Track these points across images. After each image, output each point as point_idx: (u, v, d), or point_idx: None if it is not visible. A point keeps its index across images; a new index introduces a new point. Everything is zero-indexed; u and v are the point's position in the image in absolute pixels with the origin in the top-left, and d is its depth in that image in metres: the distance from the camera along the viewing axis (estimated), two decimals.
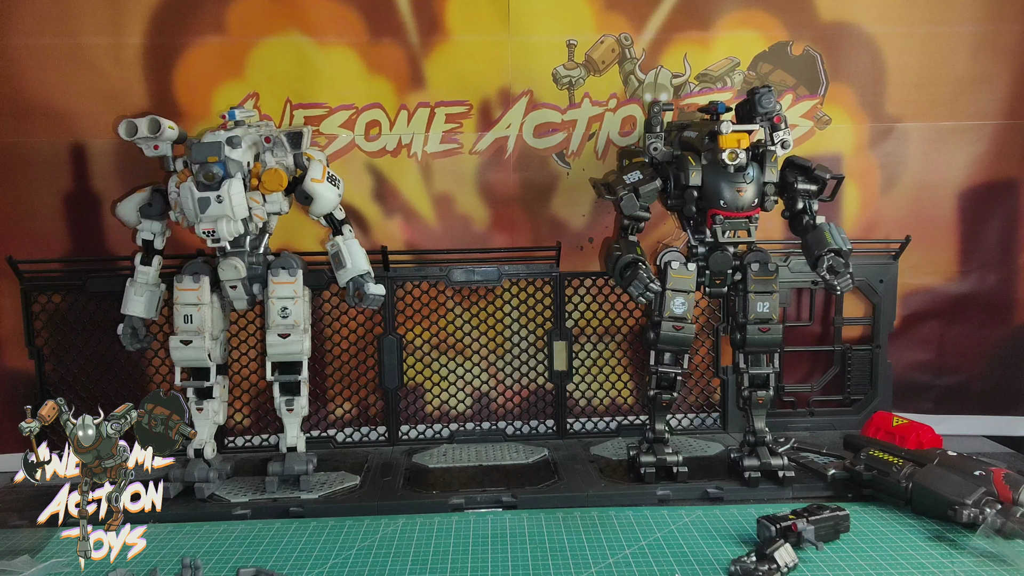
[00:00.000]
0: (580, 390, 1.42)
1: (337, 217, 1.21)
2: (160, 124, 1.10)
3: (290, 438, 1.18)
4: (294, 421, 1.19)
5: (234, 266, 1.14)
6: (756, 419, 1.17)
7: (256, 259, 1.18)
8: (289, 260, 1.18)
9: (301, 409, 1.18)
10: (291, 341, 1.15)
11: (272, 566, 0.93)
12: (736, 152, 1.09)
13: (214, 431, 1.20)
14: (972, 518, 0.95)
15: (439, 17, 1.33)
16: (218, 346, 1.18)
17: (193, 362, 1.17)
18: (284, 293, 1.16)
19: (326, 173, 1.17)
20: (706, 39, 1.36)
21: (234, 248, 1.14)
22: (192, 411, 1.18)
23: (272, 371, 1.18)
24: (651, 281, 1.11)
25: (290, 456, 1.17)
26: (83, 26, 1.28)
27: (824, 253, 1.11)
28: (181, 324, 1.16)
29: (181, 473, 1.15)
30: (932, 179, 1.41)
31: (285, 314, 1.16)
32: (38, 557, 0.97)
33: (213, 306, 1.17)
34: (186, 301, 1.15)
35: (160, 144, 1.13)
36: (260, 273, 1.18)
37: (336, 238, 1.21)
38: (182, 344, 1.15)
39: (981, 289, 1.44)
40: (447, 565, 0.93)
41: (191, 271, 1.17)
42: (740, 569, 0.87)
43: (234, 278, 1.15)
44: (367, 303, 1.20)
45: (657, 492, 1.13)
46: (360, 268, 1.20)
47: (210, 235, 1.10)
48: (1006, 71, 1.39)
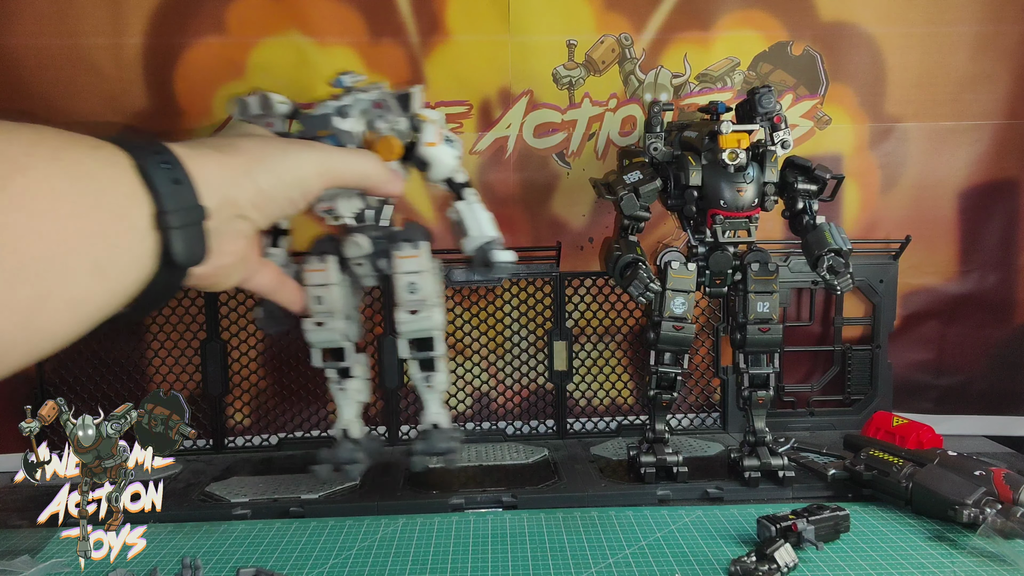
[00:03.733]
0: (580, 390, 1.42)
1: (457, 180, 1.11)
2: (270, 100, 1.06)
3: (432, 414, 1.13)
4: (434, 397, 1.14)
5: (357, 243, 1.08)
6: (756, 419, 1.17)
7: (381, 233, 1.10)
8: (413, 232, 1.10)
9: (440, 384, 1.13)
10: (421, 317, 1.09)
11: (272, 566, 0.93)
12: (736, 152, 1.09)
13: (359, 410, 1.17)
14: (972, 518, 0.95)
15: (439, 17, 1.33)
16: (352, 324, 1.14)
17: (328, 343, 1.13)
18: (410, 267, 1.08)
19: (441, 135, 1.08)
20: (706, 39, 1.36)
21: (357, 224, 1.08)
22: (334, 391, 1.16)
23: (406, 348, 1.13)
24: (651, 281, 1.11)
25: (434, 433, 1.12)
26: (83, 26, 1.28)
27: (824, 253, 1.11)
28: (313, 306, 1.10)
29: (329, 455, 1.13)
30: (932, 179, 1.42)
31: (412, 289, 1.08)
32: (38, 557, 0.97)
33: (343, 285, 1.12)
34: (315, 282, 1.10)
35: (273, 120, 1.07)
36: (386, 247, 1.10)
37: (457, 203, 1.11)
38: (316, 326, 1.11)
39: (981, 289, 1.44)
40: (447, 565, 0.93)
41: (317, 251, 1.11)
42: (740, 569, 0.87)
43: (359, 255, 1.09)
44: (496, 272, 1.09)
45: (657, 492, 1.13)
46: (487, 234, 1.09)
47: (329, 213, 1.05)
48: (1006, 71, 1.39)
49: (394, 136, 1.05)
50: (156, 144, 0.73)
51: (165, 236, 0.70)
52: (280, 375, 1.39)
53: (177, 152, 0.73)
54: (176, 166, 0.72)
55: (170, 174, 0.71)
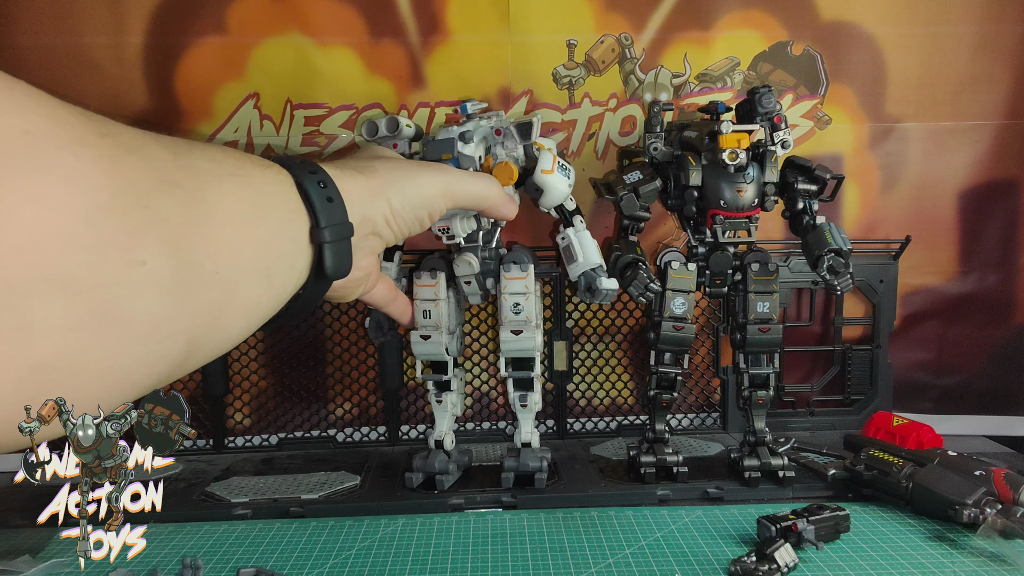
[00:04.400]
0: (580, 390, 1.42)
1: (568, 208, 1.16)
2: (398, 123, 1.12)
3: (524, 433, 1.18)
4: (528, 416, 1.18)
5: (468, 262, 1.13)
6: (756, 419, 1.17)
7: (489, 253, 1.16)
8: (521, 255, 1.16)
9: (535, 405, 1.18)
10: (524, 337, 1.14)
11: (272, 566, 0.93)
12: (736, 152, 1.09)
13: (452, 423, 1.21)
14: (972, 518, 0.95)
15: (439, 17, 1.33)
16: (455, 340, 1.19)
17: (432, 356, 1.17)
18: (516, 289, 1.14)
19: (556, 163, 1.12)
20: (706, 39, 1.36)
21: (468, 244, 1.13)
22: (432, 403, 1.20)
23: (506, 366, 1.17)
24: (651, 281, 1.11)
25: (524, 452, 1.16)
26: (84, 26, 1.28)
27: (824, 253, 1.11)
28: (420, 319, 1.16)
29: (423, 463, 1.16)
30: (932, 179, 1.42)
31: (517, 310, 1.14)
32: (39, 557, 0.97)
33: (449, 301, 1.17)
34: (424, 297, 1.16)
35: (399, 142, 1.15)
36: (493, 268, 1.16)
37: (567, 230, 1.16)
38: (421, 339, 1.16)
39: (981, 289, 1.44)
40: (447, 565, 0.93)
41: (428, 267, 1.17)
42: (740, 569, 0.87)
43: (468, 274, 1.14)
44: (599, 298, 1.13)
45: (657, 492, 1.13)
46: (592, 261, 1.14)
47: (445, 232, 1.10)
48: (1006, 71, 1.39)
49: (511, 162, 1.11)
50: (311, 164, 0.80)
51: (319, 249, 0.77)
52: (281, 375, 1.39)
53: (329, 172, 0.80)
54: (330, 185, 0.78)
55: (324, 192, 0.77)
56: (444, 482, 1.15)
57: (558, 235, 1.17)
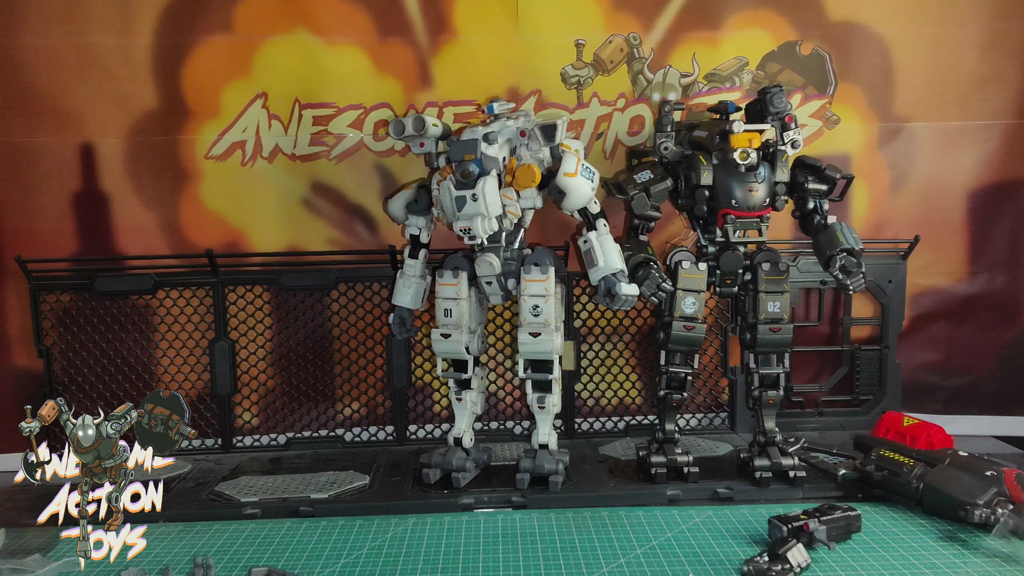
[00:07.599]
0: (588, 390, 1.42)
1: (591, 211, 1.15)
2: (424, 122, 1.12)
3: (542, 435, 1.17)
4: (546, 418, 1.18)
5: (490, 263, 1.13)
6: (766, 419, 1.17)
7: (511, 254, 1.16)
8: (542, 256, 1.15)
9: (553, 407, 1.17)
10: (542, 340, 1.13)
11: (283, 565, 0.93)
12: (747, 152, 1.09)
13: (472, 421, 1.21)
14: (984, 518, 0.95)
15: (447, 17, 1.33)
16: (476, 339, 1.19)
17: (452, 354, 1.17)
18: (536, 291, 1.13)
19: (580, 165, 1.12)
20: (715, 39, 1.36)
21: (490, 244, 1.13)
22: (452, 400, 1.20)
23: (524, 368, 1.17)
24: (663, 280, 1.11)
25: (541, 454, 1.16)
26: (92, 26, 1.29)
27: (836, 253, 1.11)
28: (441, 318, 1.16)
29: (441, 460, 1.16)
30: (941, 179, 1.41)
31: (536, 312, 1.13)
32: (49, 556, 0.97)
33: (471, 300, 1.17)
34: (446, 295, 1.16)
35: (425, 142, 1.14)
36: (515, 268, 1.16)
37: (589, 234, 1.15)
38: (442, 337, 1.16)
39: (990, 290, 1.44)
40: (458, 565, 0.93)
41: (451, 266, 1.17)
42: (753, 569, 0.87)
43: (489, 274, 1.14)
44: (619, 304, 1.13)
45: (667, 492, 1.12)
46: (613, 266, 1.13)
47: (466, 232, 1.10)
48: (1016, 70, 1.38)
49: (535, 164, 1.11)
50: None
51: None
52: (288, 375, 1.39)
53: None
54: None
55: None
56: (461, 479, 1.15)
57: (580, 238, 1.16)
